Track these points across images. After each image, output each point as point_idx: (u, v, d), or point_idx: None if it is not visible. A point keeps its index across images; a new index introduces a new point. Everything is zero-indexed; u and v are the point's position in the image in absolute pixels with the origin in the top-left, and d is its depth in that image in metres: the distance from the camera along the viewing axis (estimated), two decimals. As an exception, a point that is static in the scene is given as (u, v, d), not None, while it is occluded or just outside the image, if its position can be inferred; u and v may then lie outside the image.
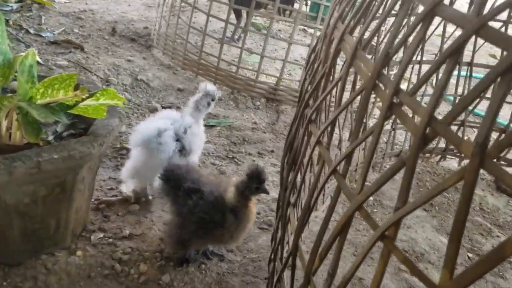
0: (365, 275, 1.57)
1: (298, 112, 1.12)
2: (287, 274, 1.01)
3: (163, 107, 2.43)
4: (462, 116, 2.21)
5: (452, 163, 2.44)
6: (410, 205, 0.61)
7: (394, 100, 0.65)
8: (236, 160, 2.06)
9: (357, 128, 0.73)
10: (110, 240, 1.44)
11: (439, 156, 2.35)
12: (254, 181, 1.27)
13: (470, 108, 2.29)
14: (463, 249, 1.79)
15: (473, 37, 0.54)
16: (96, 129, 1.24)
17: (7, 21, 2.81)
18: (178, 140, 1.58)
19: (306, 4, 4.03)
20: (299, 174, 1.02)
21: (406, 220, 1.87)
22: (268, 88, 2.62)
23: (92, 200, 1.58)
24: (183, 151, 1.61)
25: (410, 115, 0.65)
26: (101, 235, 1.45)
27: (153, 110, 2.37)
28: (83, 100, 1.15)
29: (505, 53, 0.47)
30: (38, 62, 2.41)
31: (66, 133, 1.32)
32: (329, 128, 0.83)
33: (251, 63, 3.10)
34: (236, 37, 3.46)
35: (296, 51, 3.50)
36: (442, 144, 2.32)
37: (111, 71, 2.60)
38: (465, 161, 2.41)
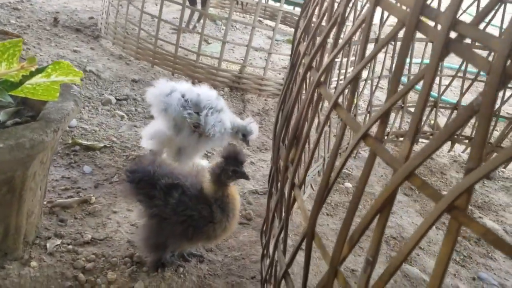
0: (358, 265, 1.46)
1: (290, 80, 0.97)
2: (291, 270, 0.86)
3: (117, 100, 2.20)
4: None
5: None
6: (485, 166, 0.48)
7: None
8: (209, 154, 1.89)
9: (395, 78, 0.59)
10: (70, 247, 1.22)
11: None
12: (231, 164, 1.13)
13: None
14: (449, 231, 1.72)
15: None
16: (48, 114, 1.03)
17: None
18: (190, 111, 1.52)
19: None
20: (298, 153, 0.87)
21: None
22: (231, 76, 2.46)
23: (44, 203, 1.34)
24: (199, 127, 1.54)
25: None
26: (58, 241, 1.22)
27: (107, 103, 2.14)
28: (31, 76, 0.93)
29: None
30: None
31: (11, 122, 1.09)
32: (347, 90, 0.69)
33: (209, 53, 2.93)
34: (191, 26, 3.27)
35: (255, 41, 3.36)
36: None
37: (55, 62, 2.33)
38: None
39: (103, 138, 1.81)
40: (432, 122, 2.45)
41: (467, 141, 2.27)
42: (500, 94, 1.90)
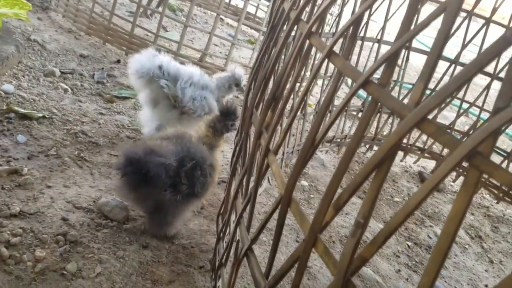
0: (311, 262, 1.38)
1: (270, 41, 0.89)
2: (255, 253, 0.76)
3: (62, 72, 2.01)
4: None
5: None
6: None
7: None
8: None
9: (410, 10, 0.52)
10: (-8, 218, 1.04)
11: (368, 146, 2.29)
12: (229, 118, 1.28)
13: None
14: (402, 238, 1.70)
15: None
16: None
17: None
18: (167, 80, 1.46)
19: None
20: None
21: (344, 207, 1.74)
22: (190, 63, 2.34)
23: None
24: (179, 102, 1.50)
25: None
26: (-21, 211, 1.04)
27: (50, 75, 1.94)
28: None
29: None
30: None
31: None
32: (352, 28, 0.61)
33: (167, 40, 2.78)
34: (149, 12, 3.11)
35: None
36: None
37: (-6, 26, 2.09)
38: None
39: (43, 109, 1.62)
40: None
41: (419, 152, 2.30)
42: None
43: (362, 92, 2.16)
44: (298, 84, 1.80)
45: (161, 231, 1.22)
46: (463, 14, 1.96)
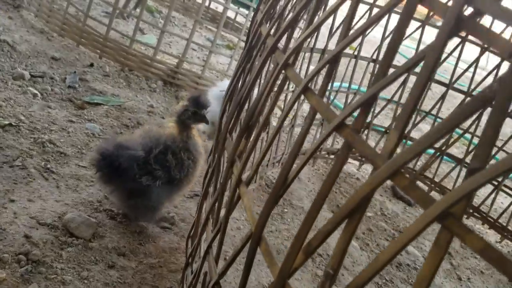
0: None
1: (246, 64, 0.87)
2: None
3: (32, 76, 1.93)
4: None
5: (351, 167, 2.41)
6: (491, 168, 0.40)
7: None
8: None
9: (386, 59, 0.51)
10: None
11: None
12: (193, 106, 1.24)
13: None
14: (373, 254, 1.71)
15: None
16: None
17: None
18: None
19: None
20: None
21: (318, 223, 1.72)
22: (167, 69, 2.29)
23: None
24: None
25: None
26: None
27: (18, 78, 1.87)
28: None
29: None
30: None
31: None
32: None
33: (144, 43, 2.73)
34: (125, 14, 3.04)
35: (199, 39, 3.22)
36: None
37: (-40, 24, 2.00)
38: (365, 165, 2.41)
39: (9, 115, 1.56)
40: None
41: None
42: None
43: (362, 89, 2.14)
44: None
45: (145, 218, 1.31)
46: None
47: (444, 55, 1.95)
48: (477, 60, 2.02)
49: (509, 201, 2.22)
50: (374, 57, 1.98)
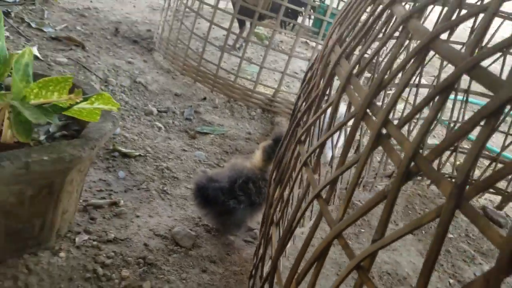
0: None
1: (290, 129, 1.13)
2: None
3: (158, 111, 2.43)
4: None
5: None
6: (387, 238, 0.61)
7: (383, 131, 0.66)
8: (228, 170, 2.06)
9: (344, 153, 0.74)
10: (95, 243, 1.44)
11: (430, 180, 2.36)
12: (276, 144, 1.53)
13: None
14: (445, 274, 1.80)
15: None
16: (88, 132, 1.24)
17: (8, 13, 2.82)
18: None
19: (310, 19, 4.06)
20: (285, 192, 1.02)
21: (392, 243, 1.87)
22: (264, 99, 2.64)
23: (80, 201, 1.57)
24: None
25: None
26: (86, 237, 1.44)
27: (149, 114, 2.38)
28: (78, 103, 1.15)
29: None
30: (37, 57, 2.42)
31: (59, 134, 1.32)
32: (317, 151, 0.84)
33: (250, 72, 3.12)
34: (237, 45, 3.48)
35: (296, 63, 3.52)
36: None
37: (110, 72, 2.60)
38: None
39: (140, 147, 2.04)
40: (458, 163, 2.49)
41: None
42: None
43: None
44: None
45: (233, 232, 1.67)
46: None
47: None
48: None
49: None
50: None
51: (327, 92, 0.99)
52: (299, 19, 3.28)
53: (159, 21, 3.17)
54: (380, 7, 0.81)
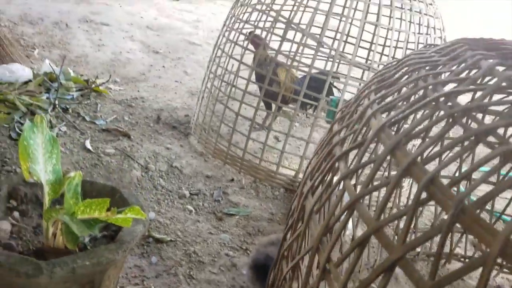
0: None
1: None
2: None
3: (190, 194, 2.73)
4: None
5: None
6: None
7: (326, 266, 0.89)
8: (249, 252, 2.29)
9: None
10: (128, 326, 1.69)
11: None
12: None
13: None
14: None
15: None
16: (123, 236, 1.54)
17: (67, 109, 3.30)
18: None
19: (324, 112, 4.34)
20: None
21: None
22: (287, 179, 2.88)
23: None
24: None
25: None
26: (121, 321, 1.70)
27: (182, 197, 2.68)
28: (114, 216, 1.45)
29: None
30: (89, 150, 2.83)
31: (100, 235, 1.62)
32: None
33: (276, 151, 3.38)
34: (266, 124, 3.79)
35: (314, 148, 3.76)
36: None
37: (151, 158, 2.97)
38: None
39: (171, 232, 2.32)
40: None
41: (499, 267, 2.37)
42: None
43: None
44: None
45: None
46: None
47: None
48: None
49: None
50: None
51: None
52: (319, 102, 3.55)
53: (195, 106, 3.56)
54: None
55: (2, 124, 2.84)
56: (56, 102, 3.21)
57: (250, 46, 3.26)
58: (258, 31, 3.20)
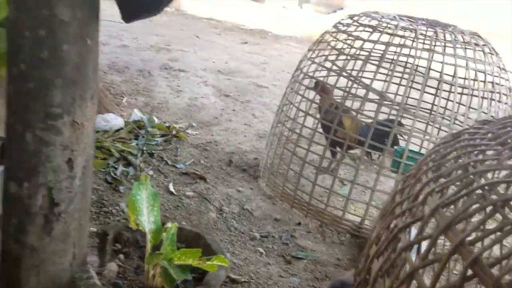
0: None
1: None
2: None
3: (260, 236, 2.96)
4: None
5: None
6: None
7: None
8: (317, 296, 2.45)
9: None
10: None
11: None
12: None
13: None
14: None
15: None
16: (209, 279, 1.79)
17: (152, 154, 3.70)
18: None
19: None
20: None
21: None
22: (352, 225, 3.02)
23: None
24: None
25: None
26: None
27: (253, 239, 2.91)
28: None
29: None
30: (172, 193, 3.17)
31: (191, 277, 1.89)
32: None
33: (342, 193, 3.54)
34: (331, 167, 3.96)
35: (387, 184, 3.86)
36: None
37: (224, 201, 3.25)
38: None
39: (244, 273, 2.54)
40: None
41: None
42: None
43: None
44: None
45: None
46: None
47: None
48: None
49: None
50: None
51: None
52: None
53: (264, 149, 3.83)
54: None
55: (99, 168, 3.27)
56: (144, 148, 3.62)
57: (313, 93, 3.48)
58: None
